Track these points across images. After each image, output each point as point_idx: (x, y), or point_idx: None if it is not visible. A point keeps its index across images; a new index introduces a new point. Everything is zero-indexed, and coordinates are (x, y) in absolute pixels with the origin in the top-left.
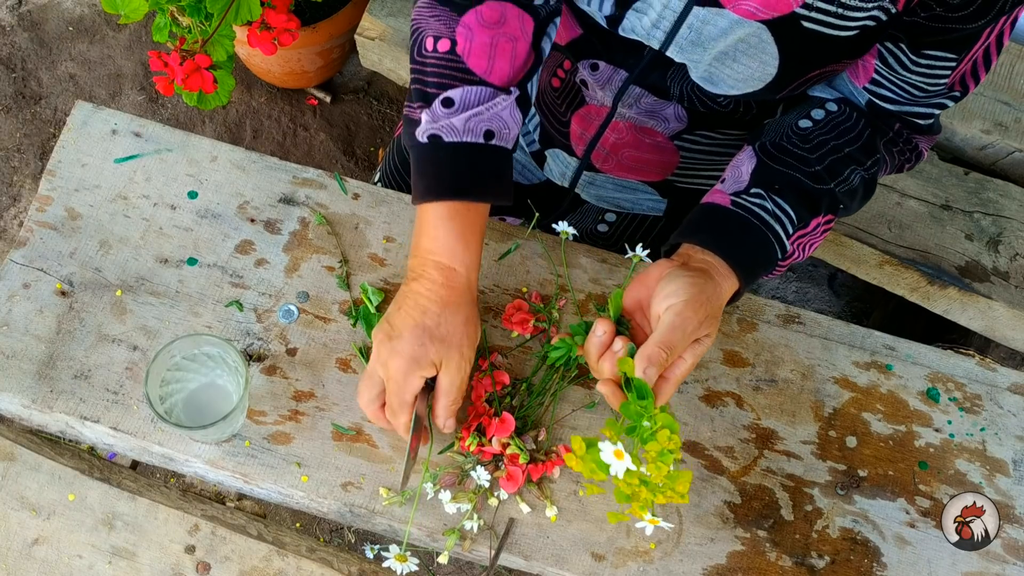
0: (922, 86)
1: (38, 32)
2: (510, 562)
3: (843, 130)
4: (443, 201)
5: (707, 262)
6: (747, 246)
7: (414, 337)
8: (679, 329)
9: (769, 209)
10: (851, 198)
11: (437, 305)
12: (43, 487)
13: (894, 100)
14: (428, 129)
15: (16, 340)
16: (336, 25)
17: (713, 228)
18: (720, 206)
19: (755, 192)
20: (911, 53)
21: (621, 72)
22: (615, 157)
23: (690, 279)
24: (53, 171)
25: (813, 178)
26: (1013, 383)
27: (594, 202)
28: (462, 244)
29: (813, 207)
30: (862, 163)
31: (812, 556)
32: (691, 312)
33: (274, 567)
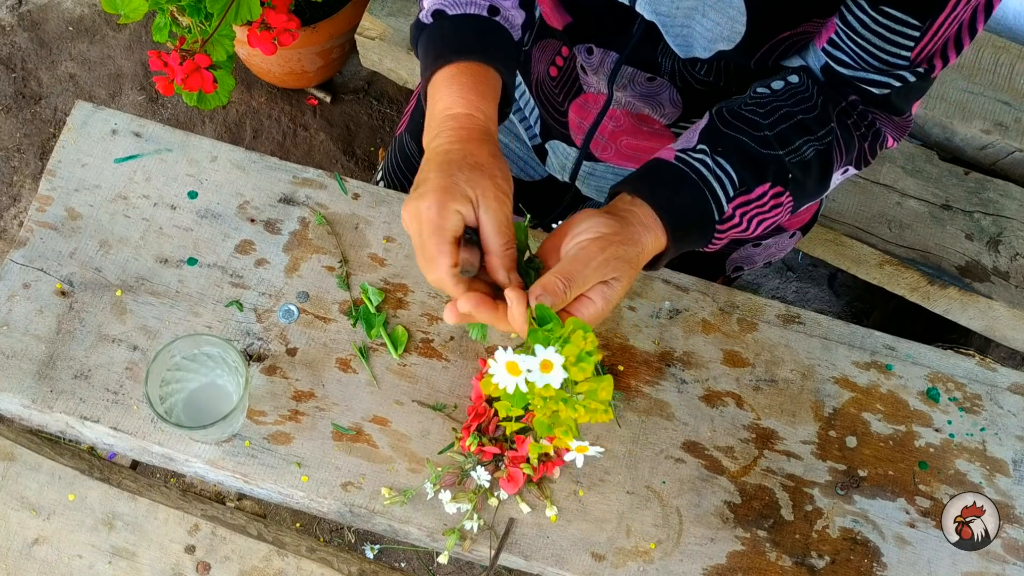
0: (879, 53)
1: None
2: (510, 562)
3: (799, 99)
4: (450, 64)
5: (631, 211)
6: (678, 198)
7: (439, 172)
8: (579, 260)
9: (709, 166)
10: (804, 172)
11: (458, 143)
12: (43, 487)
13: (849, 65)
14: (432, 6)
15: (16, 340)
16: (336, 25)
17: (647, 178)
18: (662, 159)
19: (700, 149)
20: (871, 9)
21: (612, 54)
22: (614, 145)
23: (603, 219)
24: (53, 171)
25: (760, 142)
26: (1013, 383)
27: (595, 196)
28: (476, 94)
29: (758, 173)
30: (814, 132)
31: (812, 556)
32: (596, 248)
33: (274, 567)
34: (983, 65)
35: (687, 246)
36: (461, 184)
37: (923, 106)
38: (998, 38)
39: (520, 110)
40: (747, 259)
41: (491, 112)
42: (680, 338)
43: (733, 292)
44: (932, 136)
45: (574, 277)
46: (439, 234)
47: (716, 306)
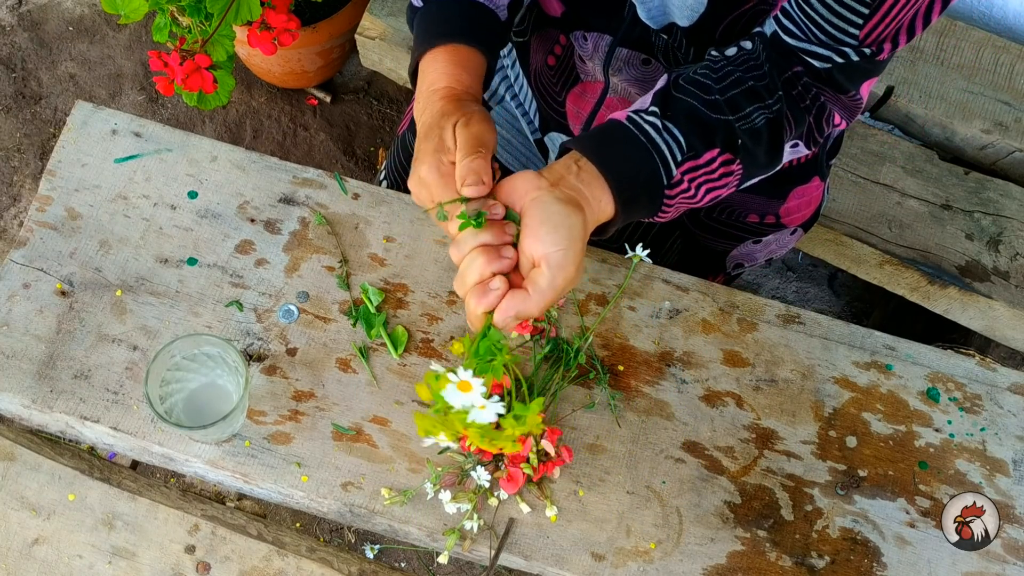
0: (826, 26)
1: (38, 32)
2: (510, 562)
3: (750, 66)
4: (435, 48)
5: (580, 189)
6: (628, 160)
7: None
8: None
9: (659, 128)
10: (754, 140)
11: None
12: (43, 487)
13: (796, 35)
14: None
15: (16, 340)
16: (336, 25)
17: (598, 137)
18: (614, 119)
19: (651, 111)
20: None
21: (606, 37)
22: None
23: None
24: (53, 171)
25: (709, 106)
26: (1013, 383)
27: None
28: (459, 68)
29: (706, 137)
30: (764, 100)
31: (812, 556)
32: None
33: (274, 567)
34: (983, 65)
35: (636, 212)
36: (445, 139)
37: (923, 106)
38: (998, 38)
39: (521, 104)
40: (748, 256)
41: (473, 85)
42: (680, 338)
43: (733, 292)
44: (932, 136)
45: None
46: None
47: (716, 306)
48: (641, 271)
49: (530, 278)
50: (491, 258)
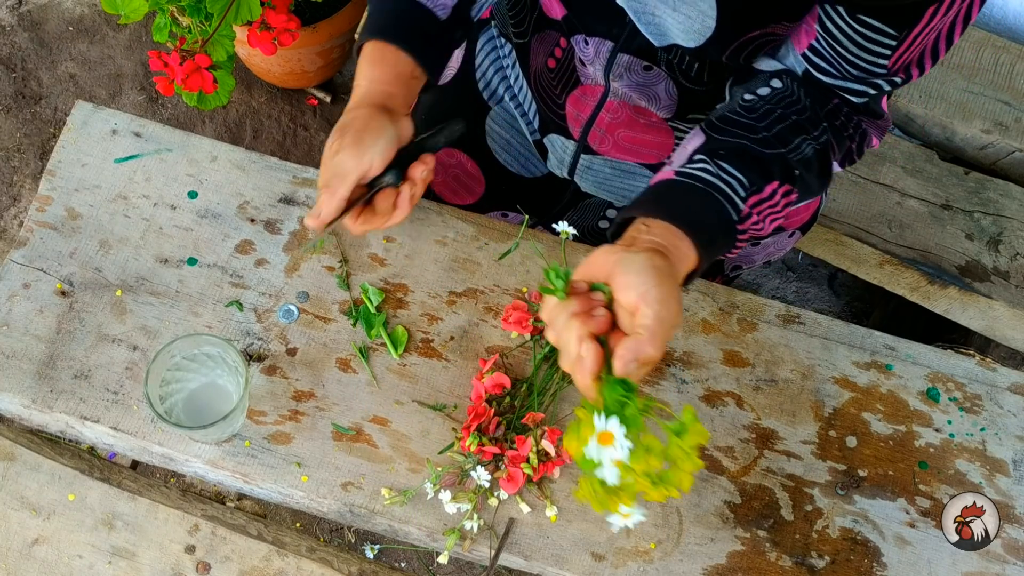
0: (858, 62)
1: (38, 32)
2: (510, 562)
3: (789, 102)
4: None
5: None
6: (693, 207)
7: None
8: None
9: (712, 171)
10: (807, 169)
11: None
12: (43, 487)
13: (830, 73)
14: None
15: (16, 340)
16: (336, 25)
17: (656, 199)
18: (664, 179)
19: (698, 159)
20: (848, 17)
21: (607, 43)
22: (611, 138)
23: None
24: (53, 171)
25: (761, 143)
26: (1013, 383)
27: (594, 191)
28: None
29: (765, 172)
30: (810, 132)
31: (812, 556)
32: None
33: (274, 567)
34: (983, 65)
35: (715, 252)
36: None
37: (923, 106)
38: (998, 38)
39: (520, 105)
40: (746, 258)
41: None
42: (680, 338)
43: (733, 292)
44: (932, 136)
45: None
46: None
47: (716, 306)
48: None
49: (635, 323)
50: (584, 320)
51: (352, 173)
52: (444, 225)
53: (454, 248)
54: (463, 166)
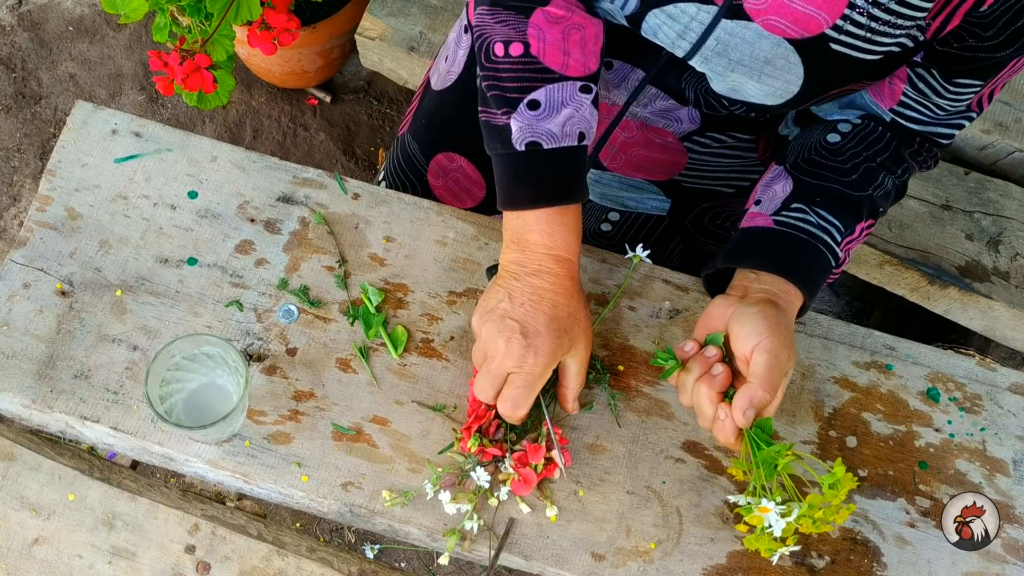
0: (947, 108)
1: (38, 32)
2: (510, 562)
3: (871, 141)
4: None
5: (767, 290)
6: (802, 261)
7: (551, 332)
8: (776, 368)
9: (814, 222)
10: (887, 200)
11: (564, 296)
12: (43, 487)
13: (920, 121)
14: (525, 137)
15: (16, 340)
16: (336, 25)
17: (764, 250)
18: (765, 228)
19: (796, 207)
20: (943, 80)
21: (638, 71)
22: (623, 156)
23: (763, 312)
24: (53, 171)
25: (852, 187)
26: (1013, 383)
27: (598, 200)
28: (575, 237)
29: (856, 214)
30: (893, 171)
31: (812, 556)
32: (781, 347)
33: (274, 567)
34: None
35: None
36: (565, 345)
37: None
38: None
39: None
40: None
41: (580, 247)
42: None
43: None
44: None
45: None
46: (533, 387)
47: None
48: (641, 271)
49: (749, 372)
50: (709, 382)
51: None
52: (444, 225)
53: (454, 248)
54: (463, 170)
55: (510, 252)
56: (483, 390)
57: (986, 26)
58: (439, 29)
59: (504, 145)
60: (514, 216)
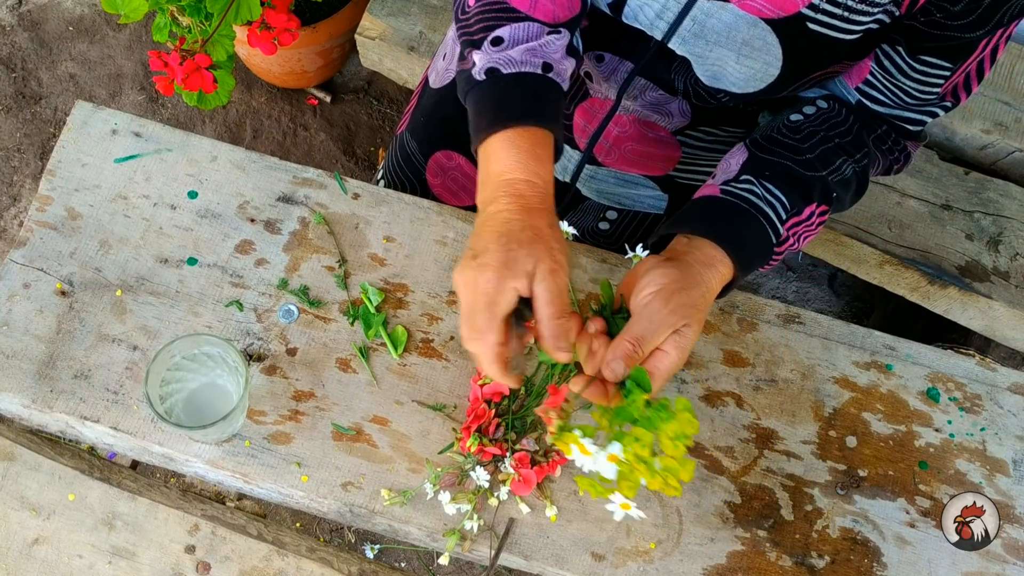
0: (914, 92)
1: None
2: (510, 562)
3: (833, 123)
4: (507, 128)
5: (693, 254)
6: (737, 228)
7: (500, 246)
8: (646, 318)
9: (759, 194)
10: (844, 189)
11: (519, 213)
12: (43, 487)
13: (884, 103)
14: (485, 64)
15: (16, 340)
16: (336, 25)
17: (702, 216)
18: (709, 196)
19: (744, 179)
20: (908, 57)
21: (627, 63)
22: (618, 150)
23: (663, 269)
24: (53, 171)
25: (804, 165)
26: (1013, 383)
27: (595, 198)
28: (534, 159)
29: (806, 194)
30: (852, 155)
31: (812, 556)
32: (660, 302)
33: (274, 567)
34: None
35: (751, 269)
36: (520, 259)
37: None
38: None
39: None
40: None
41: (549, 177)
42: None
43: (733, 292)
44: (932, 136)
45: (644, 336)
46: (491, 309)
47: (716, 306)
48: None
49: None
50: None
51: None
52: (444, 225)
53: (454, 248)
54: (462, 168)
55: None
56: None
57: (954, 1)
58: (439, 29)
59: (468, 82)
60: (481, 155)
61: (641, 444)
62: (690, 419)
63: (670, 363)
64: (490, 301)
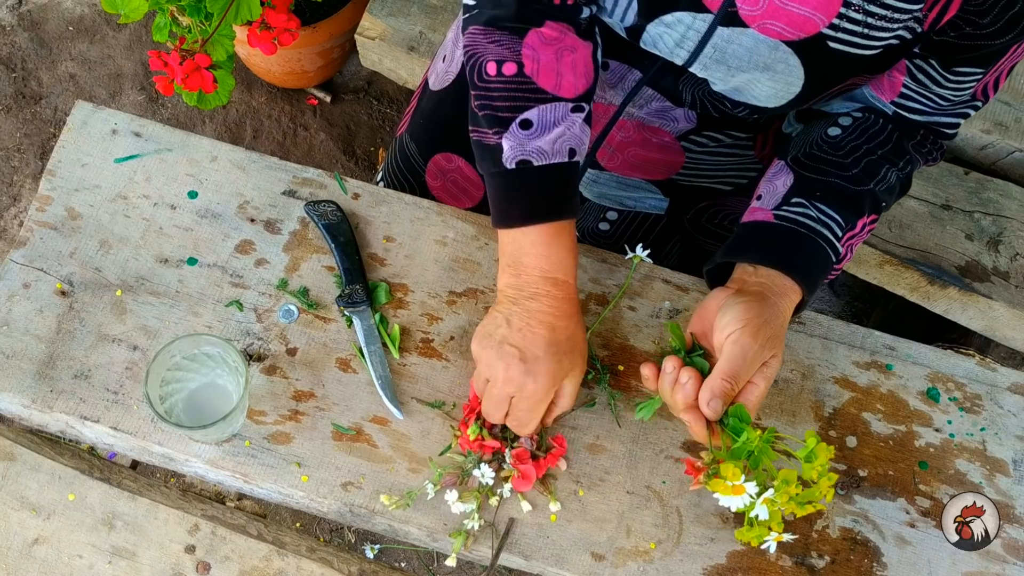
0: (950, 97)
1: (38, 32)
2: (510, 562)
3: (872, 134)
4: (542, 224)
5: (763, 284)
6: (801, 255)
7: (550, 356)
8: (740, 357)
9: (813, 216)
10: (890, 196)
11: (563, 320)
12: (43, 487)
13: (922, 112)
14: (516, 155)
15: (16, 340)
16: (336, 25)
17: (763, 244)
18: (764, 222)
19: (796, 202)
20: (942, 70)
21: (635, 72)
22: (620, 155)
23: (745, 304)
24: (53, 171)
25: (853, 181)
26: (1013, 383)
27: (596, 200)
28: (571, 257)
29: (857, 209)
30: (895, 163)
31: (812, 556)
32: (749, 338)
33: (274, 567)
34: None
35: (817, 286)
36: (565, 368)
37: None
38: None
39: None
40: None
41: (573, 267)
42: None
43: None
44: None
45: (739, 374)
46: (537, 408)
47: None
48: (641, 271)
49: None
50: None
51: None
52: (444, 225)
53: (454, 248)
54: (462, 171)
55: (506, 276)
56: (491, 414)
57: (982, 13)
58: (439, 29)
59: (495, 164)
60: (509, 239)
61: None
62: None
63: (759, 394)
64: (537, 402)
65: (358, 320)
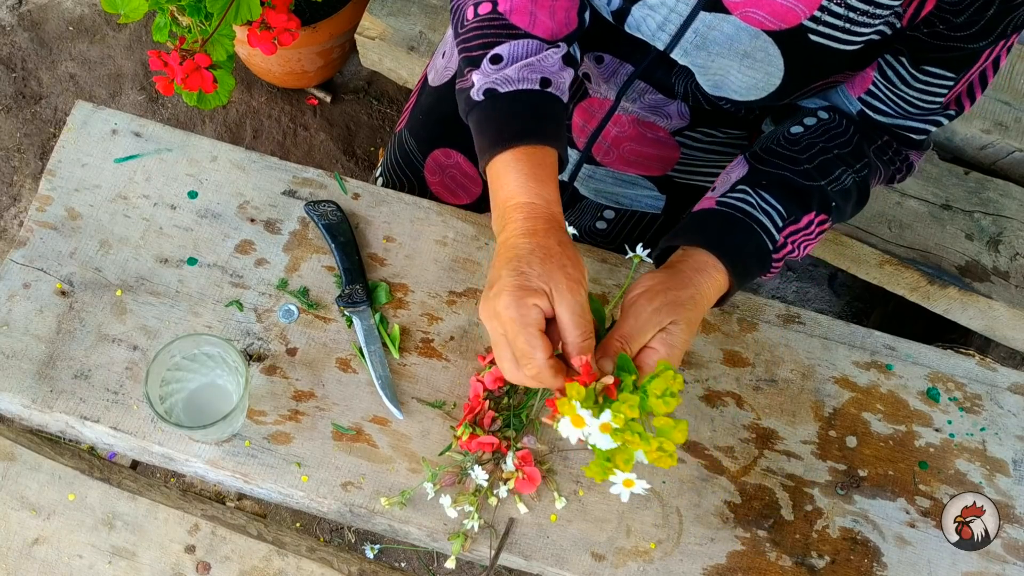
0: (917, 102)
1: (38, 32)
2: (510, 562)
3: (833, 135)
4: (508, 149)
5: (685, 261)
6: (730, 235)
7: (511, 270)
8: (631, 317)
9: (753, 202)
10: (844, 199)
11: (524, 237)
12: (43, 487)
13: (887, 113)
14: (483, 85)
15: (16, 340)
16: (336, 25)
17: (696, 227)
18: (705, 208)
19: (740, 189)
20: (911, 68)
21: (627, 66)
22: (616, 150)
23: (651, 273)
24: (53, 171)
25: (802, 175)
26: (1013, 383)
27: (593, 197)
28: (536, 180)
29: (803, 203)
30: (852, 165)
31: (812, 556)
32: (645, 301)
33: (274, 567)
34: None
35: (750, 278)
36: (534, 279)
37: None
38: None
39: None
40: None
41: (553, 195)
42: None
43: None
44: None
45: (631, 334)
46: (527, 329)
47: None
48: (641, 271)
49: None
50: None
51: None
52: (444, 225)
53: (454, 248)
54: (460, 167)
55: (492, 222)
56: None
57: (957, 12)
58: (439, 29)
59: (468, 103)
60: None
61: (629, 406)
62: (673, 375)
63: (657, 359)
64: (520, 322)
65: (358, 320)
